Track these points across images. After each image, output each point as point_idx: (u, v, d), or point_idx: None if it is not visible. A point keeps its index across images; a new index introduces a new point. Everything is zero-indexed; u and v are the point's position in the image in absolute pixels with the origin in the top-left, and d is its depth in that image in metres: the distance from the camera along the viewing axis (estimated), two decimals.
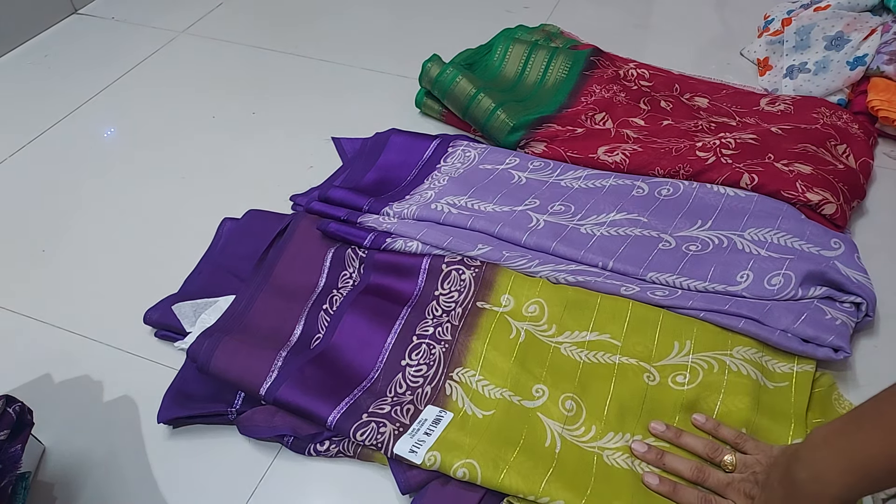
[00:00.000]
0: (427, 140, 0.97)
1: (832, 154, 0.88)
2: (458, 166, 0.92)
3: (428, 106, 1.05)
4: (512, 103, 0.98)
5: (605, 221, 0.81)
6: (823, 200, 0.80)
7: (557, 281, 0.74)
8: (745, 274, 0.72)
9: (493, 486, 0.58)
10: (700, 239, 0.78)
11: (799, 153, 0.86)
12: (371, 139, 0.99)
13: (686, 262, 0.75)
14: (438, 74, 0.99)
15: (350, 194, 0.86)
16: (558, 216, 0.82)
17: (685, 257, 0.76)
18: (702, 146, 0.88)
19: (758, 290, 0.71)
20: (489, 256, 0.76)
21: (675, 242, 0.78)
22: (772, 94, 1.04)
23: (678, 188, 0.84)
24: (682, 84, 1.05)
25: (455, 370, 0.68)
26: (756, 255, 0.74)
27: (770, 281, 0.71)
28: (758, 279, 0.72)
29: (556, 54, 1.07)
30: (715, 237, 0.78)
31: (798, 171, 0.83)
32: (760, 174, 0.83)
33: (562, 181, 0.88)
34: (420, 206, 0.84)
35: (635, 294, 0.71)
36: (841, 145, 0.90)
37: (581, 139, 0.93)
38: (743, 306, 0.69)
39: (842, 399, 0.66)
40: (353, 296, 0.76)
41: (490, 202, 0.85)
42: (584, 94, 1.01)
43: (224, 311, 0.75)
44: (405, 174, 0.93)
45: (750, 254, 0.75)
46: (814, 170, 0.83)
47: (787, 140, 0.88)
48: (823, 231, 0.77)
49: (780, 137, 0.89)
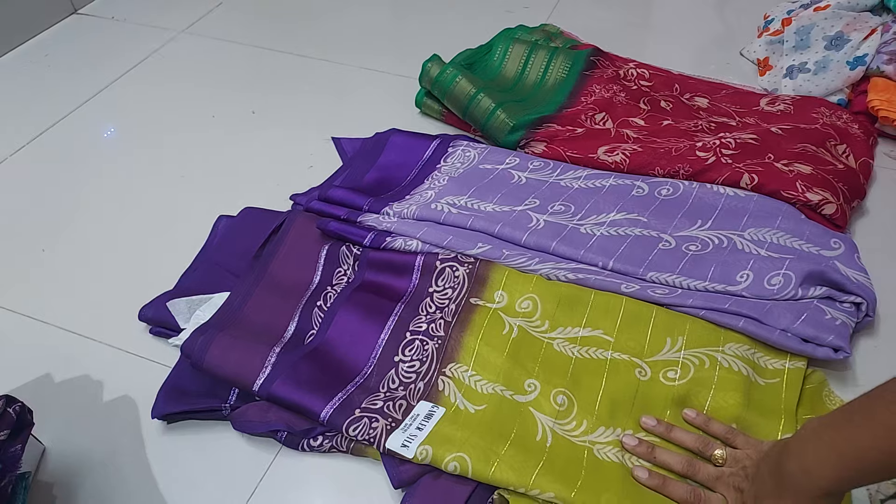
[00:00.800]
0: (427, 140, 0.97)
1: (832, 154, 0.88)
2: (458, 166, 0.92)
3: (428, 106, 1.05)
4: (512, 103, 0.98)
5: (605, 221, 0.81)
6: (823, 200, 0.79)
7: (557, 278, 0.74)
8: (745, 274, 0.72)
9: (484, 479, 0.59)
10: (700, 239, 0.78)
11: (799, 153, 0.86)
12: (371, 139, 0.99)
13: (686, 262, 0.75)
14: (438, 74, 0.99)
15: (350, 194, 0.86)
16: (558, 216, 0.82)
17: (685, 257, 0.75)
18: (702, 146, 0.88)
19: (758, 290, 0.71)
20: (489, 255, 0.76)
21: (675, 242, 0.77)
22: (772, 93, 1.04)
23: (678, 188, 0.84)
24: (682, 84, 1.05)
25: (448, 366, 0.68)
26: (756, 254, 0.74)
27: (770, 281, 0.71)
28: (758, 279, 0.71)
29: (556, 54, 1.07)
30: (715, 237, 0.78)
31: (798, 170, 0.83)
32: (760, 174, 0.83)
33: (562, 181, 0.88)
34: (420, 206, 0.83)
35: (635, 292, 0.71)
36: (841, 145, 0.89)
37: (581, 139, 0.93)
38: (743, 305, 0.69)
39: (832, 396, 0.66)
40: (347, 292, 0.76)
41: (490, 202, 0.85)
42: (584, 93, 1.01)
43: (218, 308, 0.75)
44: (405, 174, 0.93)
45: (750, 253, 0.75)
46: (814, 169, 0.83)
47: (786, 140, 0.88)
48: (823, 231, 0.77)
49: (780, 137, 0.89)
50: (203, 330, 0.71)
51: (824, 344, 0.66)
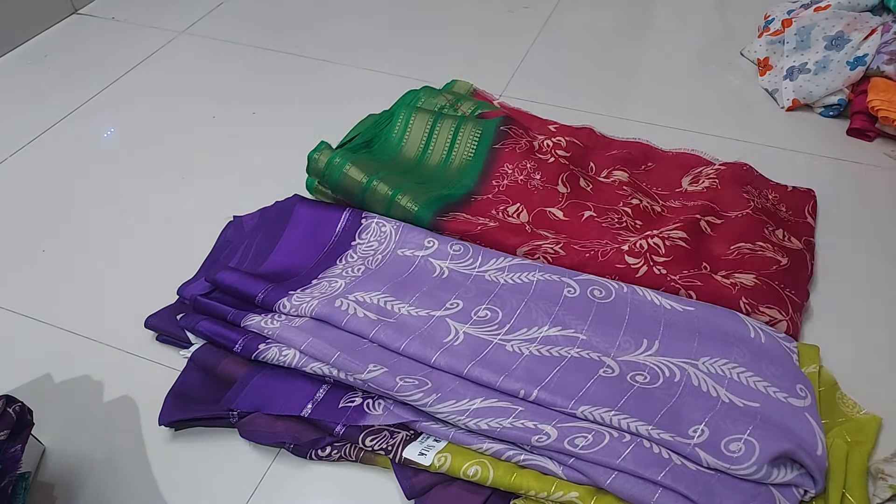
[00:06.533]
0: (337, 212, 0.87)
1: (772, 243, 0.80)
2: (375, 245, 0.83)
3: (320, 192, 0.92)
4: (412, 185, 0.87)
5: (537, 337, 0.71)
6: (772, 321, 0.72)
7: (457, 426, 0.63)
8: (699, 429, 0.61)
9: (505, 485, 0.59)
10: (648, 367, 0.67)
11: (736, 259, 0.78)
12: (272, 210, 0.89)
13: (630, 397, 0.64)
14: (325, 166, 0.87)
15: (243, 279, 0.76)
16: (482, 327, 0.72)
17: (630, 390, 0.65)
18: (629, 249, 0.78)
19: (712, 452, 0.59)
20: (381, 383, 0.64)
21: (618, 369, 0.67)
22: (696, 166, 0.94)
23: (610, 292, 0.75)
24: (599, 156, 0.95)
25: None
26: (715, 399, 0.64)
27: (728, 446, 0.59)
28: (714, 438, 0.60)
29: (462, 124, 0.96)
30: (665, 366, 0.67)
31: (740, 283, 0.74)
32: (699, 289, 0.74)
33: (486, 273, 0.78)
34: (322, 302, 0.73)
35: (550, 444, 0.60)
36: (778, 230, 0.83)
37: (495, 233, 0.82)
38: (682, 478, 0.57)
39: (846, 398, 0.66)
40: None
41: (406, 302, 0.75)
42: (496, 175, 0.90)
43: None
44: (313, 254, 0.83)
45: (707, 395, 0.64)
46: (756, 277, 0.75)
47: (719, 242, 0.81)
48: (784, 371, 0.66)
49: (712, 239, 0.82)
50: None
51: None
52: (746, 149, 0.98)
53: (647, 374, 0.67)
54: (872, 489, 0.60)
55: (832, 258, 0.82)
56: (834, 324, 0.75)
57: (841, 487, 0.59)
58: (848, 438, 0.62)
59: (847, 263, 0.82)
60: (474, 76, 1.12)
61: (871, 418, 0.65)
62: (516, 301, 0.75)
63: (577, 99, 1.09)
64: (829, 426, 0.64)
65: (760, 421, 0.61)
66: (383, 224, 0.85)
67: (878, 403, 0.66)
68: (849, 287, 0.79)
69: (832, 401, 0.66)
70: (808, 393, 0.64)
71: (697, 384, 0.65)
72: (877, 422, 0.64)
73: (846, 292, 0.78)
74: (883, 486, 0.59)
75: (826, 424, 0.63)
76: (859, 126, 0.98)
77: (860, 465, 0.61)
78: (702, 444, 0.59)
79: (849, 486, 0.59)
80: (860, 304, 0.77)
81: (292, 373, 0.69)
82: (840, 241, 0.84)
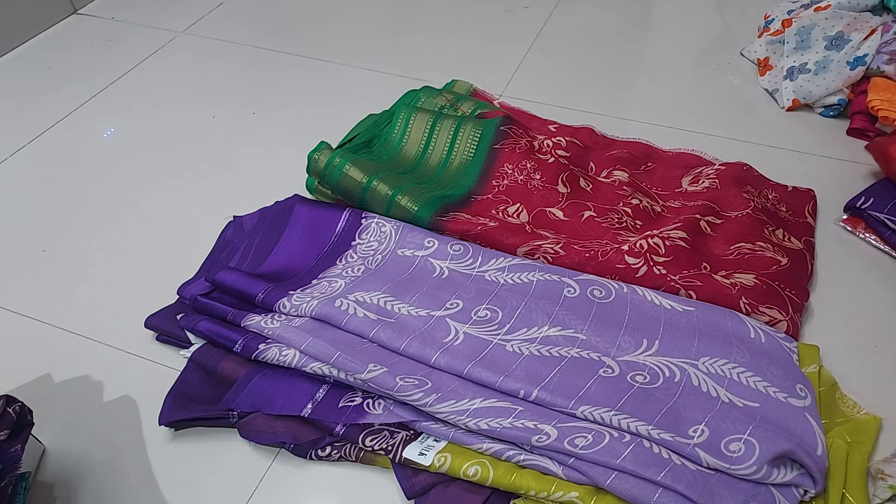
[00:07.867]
0: (337, 212, 0.87)
1: (772, 243, 0.80)
2: (375, 245, 0.83)
3: (321, 192, 0.92)
4: (413, 185, 0.87)
5: (537, 337, 0.70)
6: (772, 321, 0.72)
7: (457, 425, 0.63)
8: (699, 429, 0.61)
9: (505, 485, 0.59)
10: (648, 367, 0.67)
11: (736, 259, 0.78)
12: (272, 210, 0.89)
13: (630, 397, 0.64)
14: (325, 167, 0.87)
15: (243, 278, 0.76)
16: (483, 326, 0.72)
17: (630, 390, 0.65)
18: (629, 249, 0.78)
19: (712, 452, 0.59)
20: (380, 383, 0.64)
21: (618, 369, 0.67)
22: (696, 166, 0.94)
23: (610, 292, 0.75)
24: (599, 151, 0.96)
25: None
26: (715, 399, 0.64)
27: (728, 446, 0.59)
28: (714, 438, 0.60)
29: (462, 124, 0.96)
30: (665, 366, 0.67)
31: (740, 283, 0.74)
32: (699, 289, 0.74)
33: (486, 273, 0.78)
34: (322, 302, 0.73)
35: (550, 444, 0.60)
36: (778, 230, 0.83)
37: (496, 233, 0.82)
38: (681, 478, 0.57)
39: (846, 398, 0.66)
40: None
41: (406, 302, 0.75)
42: (496, 175, 0.90)
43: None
44: (313, 254, 0.83)
45: (708, 396, 0.64)
46: (756, 277, 0.75)
47: (719, 241, 0.81)
48: (784, 371, 0.66)
49: (712, 239, 0.82)
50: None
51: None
52: (746, 149, 0.98)
53: (647, 374, 0.67)
54: (872, 489, 0.60)
55: (832, 258, 0.82)
56: (834, 324, 0.75)
57: (841, 487, 0.59)
58: (848, 438, 0.62)
59: (847, 263, 0.82)
60: (474, 76, 1.12)
61: (871, 418, 0.65)
62: (516, 301, 0.74)
63: (577, 99, 1.09)
64: (829, 426, 0.64)
65: (760, 421, 0.61)
66: (383, 224, 0.85)
67: (877, 403, 0.66)
68: (849, 287, 0.79)
69: (832, 401, 0.66)
70: (808, 393, 0.64)
71: (697, 384, 0.65)
72: (877, 422, 0.64)
73: (846, 292, 0.78)
74: (883, 487, 0.59)
75: (826, 424, 0.63)
76: (859, 126, 0.98)
77: (860, 466, 0.60)
78: (702, 444, 0.59)
79: (849, 486, 0.59)
80: (860, 304, 0.77)
81: (292, 373, 0.69)
82: (840, 241, 0.84)
